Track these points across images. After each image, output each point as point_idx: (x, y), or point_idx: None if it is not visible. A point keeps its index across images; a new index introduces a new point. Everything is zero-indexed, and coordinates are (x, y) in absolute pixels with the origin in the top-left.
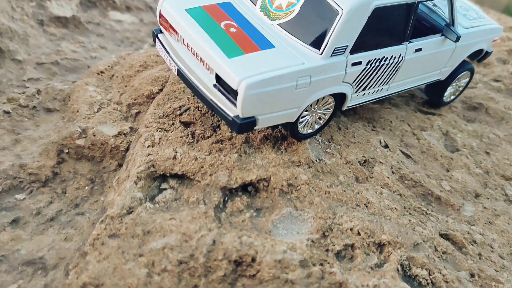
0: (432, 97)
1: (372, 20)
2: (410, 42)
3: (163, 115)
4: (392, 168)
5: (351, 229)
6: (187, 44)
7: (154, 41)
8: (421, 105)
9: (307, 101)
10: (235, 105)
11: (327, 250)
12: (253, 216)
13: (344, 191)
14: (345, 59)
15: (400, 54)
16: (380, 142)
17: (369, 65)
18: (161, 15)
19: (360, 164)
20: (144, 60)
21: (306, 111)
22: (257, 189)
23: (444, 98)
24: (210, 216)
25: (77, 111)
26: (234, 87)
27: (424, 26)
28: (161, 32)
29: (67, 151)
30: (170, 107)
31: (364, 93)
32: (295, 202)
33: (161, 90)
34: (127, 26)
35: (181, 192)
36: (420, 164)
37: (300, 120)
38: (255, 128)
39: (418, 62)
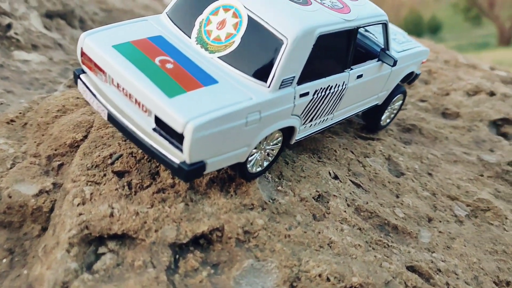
0: (369, 122)
1: (317, 48)
2: (351, 69)
3: (92, 166)
4: (346, 200)
5: (319, 276)
6: (118, 84)
7: (76, 82)
8: (359, 131)
9: (257, 138)
10: (180, 150)
11: None
12: (211, 274)
13: (305, 232)
14: (293, 90)
15: (344, 82)
16: (330, 173)
17: (315, 95)
18: (83, 54)
19: (315, 200)
20: (62, 104)
21: (255, 148)
22: (210, 241)
23: (381, 122)
24: (162, 282)
25: None
26: (179, 130)
27: (360, 53)
28: (84, 72)
29: None
30: (99, 155)
31: (311, 124)
32: (255, 251)
33: (85, 137)
34: (35, 66)
35: (124, 255)
36: (371, 192)
37: (249, 159)
38: (204, 173)
39: (360, 88)
